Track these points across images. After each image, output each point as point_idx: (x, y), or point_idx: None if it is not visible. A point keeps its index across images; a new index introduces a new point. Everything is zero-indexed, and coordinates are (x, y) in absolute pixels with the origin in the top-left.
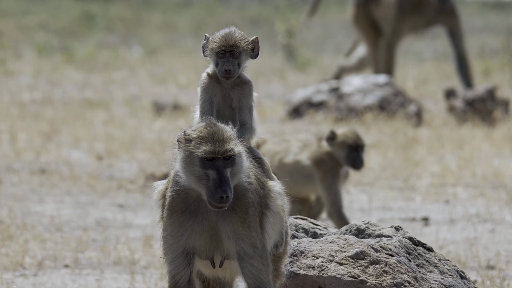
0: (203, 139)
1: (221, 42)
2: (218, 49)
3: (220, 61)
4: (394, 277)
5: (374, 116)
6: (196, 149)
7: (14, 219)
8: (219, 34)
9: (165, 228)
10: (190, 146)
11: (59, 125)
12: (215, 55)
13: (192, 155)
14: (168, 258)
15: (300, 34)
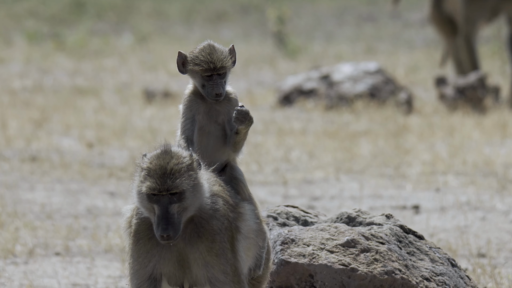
0: (150, 173)
1: (207, 65)
2: (204, 74)
3: (207, 83)
4: (385, 265)
5: (364, 103)
6: (142, 183)
7: (4, 207)
8: (201, 56)
9: (131, 255)
10: (141, 177)
11: (50, 112)
12: (200, 78)
13: (142, 186)
14: (133, 284)
15: (290, 22)
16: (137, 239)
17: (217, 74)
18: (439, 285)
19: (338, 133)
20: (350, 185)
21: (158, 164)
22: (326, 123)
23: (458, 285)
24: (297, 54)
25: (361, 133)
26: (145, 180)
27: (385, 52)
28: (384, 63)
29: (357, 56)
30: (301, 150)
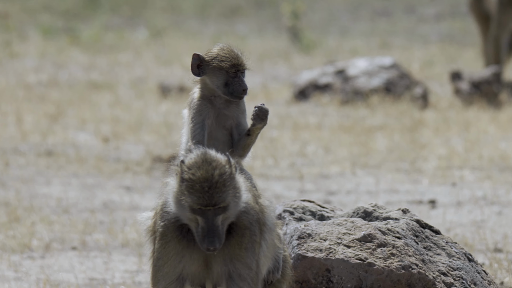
0: (194, 186)
1: (235, 61)
2: (231, 69)
3: (232, 80)
4: (402, 260)
5: (380, 98)
6: (186, 196)
7: (21, 202)
8: (225, 53)
9: (159, 258)
10: (182, 187)
11: (65, 107)
12: (224, 75)
13: (183, 197)
14: (161, 285)
15: (305, 16)
16: (166, 242)
17: (241, 71)
18: (456, 279)
19: (353, 127)
20: (366, 179)
21: (202, 177)
22: (342, 118)
23: (475, 279)
24: (312, 49)
25: (376, 128)
26: (189, 194)
27: (400, 47)
28: (399, 58)
29: (372, 50)
30: (316, 145)
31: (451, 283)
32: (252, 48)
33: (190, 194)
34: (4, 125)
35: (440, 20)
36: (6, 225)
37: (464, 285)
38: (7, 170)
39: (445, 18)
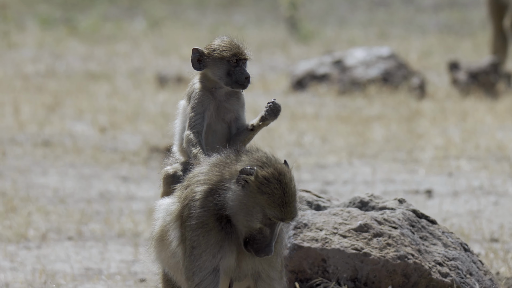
0: (276, 201)
1: (236, 49)
2: (233, 58)
3: (235, 70)
4: (398, 250)
5: (377, 88)
6: (264, 208)
7: (17, 191)
8: (226, 43)
9: (195, 247)
10: (261, 199)
11: (63, 97)
12: (225, 65)
13: (257, 207)
14: (197, 276)
15: (303, 7)
16: (207, 230)
17: (243, 60)
18: (451, 269)
19: (350, 117)
20: (363, 169)
21: (284, 191)
22: (339, 108)
23: (470, 269)
24: (309, 39)
25: (373, 118)
26: (269, 207)
27: (398, 37)
28: (396, 48)
29: (369, 41)
30: (313, 135)
31: (447, 273)
32: (250, 39)
33: (270, 207)
34: (1, 115)
35: (438, 10)
36: (3, 215)
37: (460, 275)
38: (4, 160)
39: (443, 8)
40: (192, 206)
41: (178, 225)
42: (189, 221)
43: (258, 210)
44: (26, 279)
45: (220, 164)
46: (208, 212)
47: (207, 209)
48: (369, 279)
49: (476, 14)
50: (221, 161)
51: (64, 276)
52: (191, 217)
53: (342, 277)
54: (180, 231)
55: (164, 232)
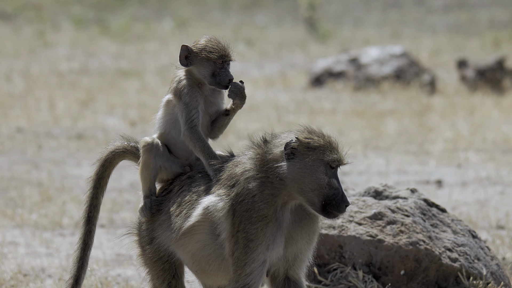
0: (329, 147)
1: (222, 51)
2: (218, 60)
3: (220, 71)
4: (410, 237)
5: (390, 85)
6: (325, 156)
7: (53, 182)
8: (213, 45)
9: (252, 239)
10: (317, 153)
11: (95, 93)
12: (211, 66)
13: (318, 162)
14: (249, 267)
15: (321, 8)
16: (266, 223)
17: (228, 62)
18: (460, 255)
19: (365, 112)
20: (377, 161)
21: (332, 139)
22: (355, 103)
23: (478, 255)
24: (327, 38)
25: (387, 112)
26: (328, 154)
27: (409, 36)
28: (408, 47)
29: (383, 40)
30: (331, 128)
31: (456, 258)
32: (271, 38)
33: (327, 155)
34: (38, 110)
35: (448, 11)
36: (39, 204)
37: (468, 260)
38: (40, 153)
39: (453, 9)
40: (250, 201)
41: (229, 221)
42: (247, 215)
43: (319, 164)
44: (61, 264)
45: (257, 157)
46: (267, 205)
47: (266, 201)
48: (383, 264)
49: (483, 14)
50: (257, 153)
51: (96, 262)
52: (249, 211)
53: (357, 262)
54: (231, 226)
55: (195, 228)
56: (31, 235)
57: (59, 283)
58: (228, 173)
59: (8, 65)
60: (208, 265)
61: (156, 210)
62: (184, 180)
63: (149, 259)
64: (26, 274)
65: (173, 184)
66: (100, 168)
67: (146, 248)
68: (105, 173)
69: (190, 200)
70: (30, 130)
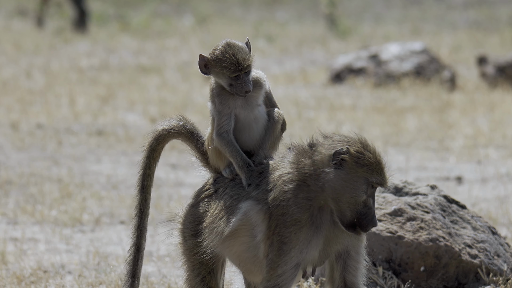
0: (377, 167)
1: (234, 67)
2: (232, 74)
3: (236, 83)
4: (430, 233)
5: (410, 81)
6: (371, 176)
7: (73, 178)
8: (226, 58)
9: (286, 242)
10: (362, 171)
11: (115, 89)
12: (227, 78)
13: (362, 179)
14: (281, 269)
15: (341, 4)
16: (299, 228)
17: (244, 73)
18: (480, 251)
19: (386, 108)
20: (397, 157)
21: (377, 159)
22: (375, 100)
23: (498, 251)
24: (347, 35)
25: (407, 109)
26: (371, 175)
27: (430, 33)
28: (429, 43)
29: (403, 36)
30: (351, 125)
31: (476, 255)
32: (292, 34)
33: (373, 175)
34: (58, 106)
35: (468, 7)
36: (59, 201)
37: (488, 256)
38: (60, 149)
39: (473, 5)
40: (285, 205)
41: (265, 223)
42: (282, 219)
43: (362, 182)
44: (81, 260)
45: (299, 160)
46: (302, 209)
47: (300, 206)
48: (403, 260)
49: (503, 11)
50: (299, 156)
51: (116, 258)
52: (284, 215)
53: (377, 259)
54: (267, 228)
55: (238, 231)
56: (51, 232)
57: (78, 279)
58: (266, 177)
59: (28, 61)
60: (253, 266)
61: (203, 210)
62: (227, 183)
63: (189, 250)
64: (46, 271)
65: (218, 185)
66: (153, 141)
67: (188, 239)
68: (158, 146)
69: (231, 205)
70: (50, 126)
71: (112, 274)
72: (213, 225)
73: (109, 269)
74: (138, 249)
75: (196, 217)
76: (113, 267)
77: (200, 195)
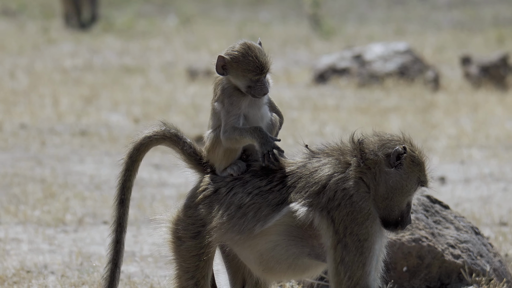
0: (425, 166)
1: (258, 70)
2: (254, 77)
3: (255, 85)
4: (413, 233)
5: (394, 81)
6: (422, 175)
7: (56, 178)
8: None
9: (366, 239)
10: (417, 169)
11: (99, 89)
12: (247, 80)
13: (415, 178)
14: (368, 266)
15: (325, 4)
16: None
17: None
18: (463, 252)
19: (369, 109)
20: None
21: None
22: (358, 100)
23: (481, 252)
24: (331, 35)
25: (391, 109)
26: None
27: (414, 33)
28: (412, 44)
29: (387, 36)
30: (334, 125)
31: (459, 255)
32: (275, 34)
33: (424, 175)
34: (42, 107)
35: (452, 8)
36: (42, 201)
37: (471, 257)
38: (44, 149)
39: (457, 6)
40: (348, 203)
41: (331, 229)
42: (350, 218)
43: (415, 181)
44: (64, 261)
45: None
46: (368, 201)
47: (365, 199)
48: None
49: (487, 11)
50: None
51: (99, 258)
52: (351, 213)
53: None
54: (334, 233)
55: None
56: (34, 232)
57: (61, 279)
58: (305, 181)
59: (12, 62)
60: (278, 264)
61: (206, 212)
62: (230, 182)
63: (186, 251)
64: (29, 271)
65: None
66: (134, 152)
67: (186, 241)
68: (139, 156)
69: (254, 203)
70: (33, 127)
71: (95, 274)
72: (230, 224)
73: (92, 269)
74: (115, 265)
75: (197, 219)
76: (96, 267)
77: (197, 195)
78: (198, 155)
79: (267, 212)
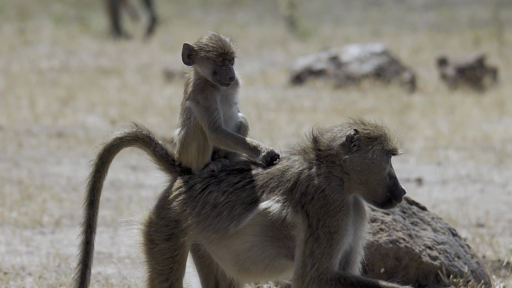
0: (387, 136)
1: (221, 50)
2: (218, 58)
3: (220, 69)
4: (390, 235)
5: (370, 83)
6: (386, 146)
7: (33, 180)
8: (212, 43)
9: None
10: (377, 144)
11: (76, 91)
12: (212, 64)
13: (380, 152)
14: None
15: (301, 6)
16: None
17: (228, 60)
18: (440, 253)
19: (346, 110)
20: None
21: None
22: (335, 101)
23: (458, 253)
24: (307, 37)
25: (367, 110)
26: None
27: (390, 35)
28: (389, 45)
29: (364, 38)
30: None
31: (436, 257)
32: (252, 36)
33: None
34: (18, 108)
35: (428, 9)
36: (19, 202)
37: (448, 258)
38: (20, 151)
39: (433, 7)
40: (321, 196)
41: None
42: (323, 210)
43: (381, 154)
44: (41, 262)
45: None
46: (340, 194)
47: (338, 191)
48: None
49: (463, 13)
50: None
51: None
52: (324, 206)
53: None
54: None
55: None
56: (11, 233)
57: (39, 281)
58: (277, 180)
59: None
60: (254, 265)
61: (180, 209)
62: (206, 179)
63: (159, 254)
64: (6, 272)
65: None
66: (104, 153)
67: (159, 243)
68: (110, 156)
69: (228, 201)
70: (10, 128)
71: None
72: (205, 223)
73: (69, 271)
74: (86, 266)
75: (170, 220)
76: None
77: (169, 195)
78: (170, 157)
79: (240, 211)
